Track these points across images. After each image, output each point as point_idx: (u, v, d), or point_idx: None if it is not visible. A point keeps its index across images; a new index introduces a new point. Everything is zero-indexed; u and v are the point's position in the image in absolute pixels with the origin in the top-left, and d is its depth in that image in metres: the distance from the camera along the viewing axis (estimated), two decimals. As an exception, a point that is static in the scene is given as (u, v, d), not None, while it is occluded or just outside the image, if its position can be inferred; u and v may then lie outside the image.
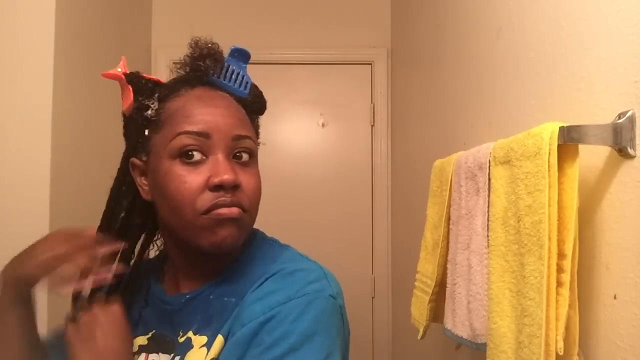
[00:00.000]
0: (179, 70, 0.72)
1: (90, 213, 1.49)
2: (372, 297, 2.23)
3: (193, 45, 0.70)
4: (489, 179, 0.80)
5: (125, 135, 0.73)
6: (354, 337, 0.72)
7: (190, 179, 0.64)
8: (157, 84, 0.71)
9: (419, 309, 1.06)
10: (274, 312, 0.60)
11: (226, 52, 0.71)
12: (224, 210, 0.64)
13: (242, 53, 0.71)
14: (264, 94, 0.76)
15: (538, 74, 0.84)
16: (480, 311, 0.81)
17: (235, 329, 0.62)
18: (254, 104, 0.74)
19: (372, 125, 2.28)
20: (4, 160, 1.26)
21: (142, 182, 0.71)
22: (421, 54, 1.73)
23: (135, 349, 0.71)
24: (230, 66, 0.71)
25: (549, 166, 0.62)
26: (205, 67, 0.69)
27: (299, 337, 0.58)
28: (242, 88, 0.72)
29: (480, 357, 0.79)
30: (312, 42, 2.27)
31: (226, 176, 0.63)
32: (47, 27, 1.27)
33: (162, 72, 2.10)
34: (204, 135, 0.65)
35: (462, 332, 0.86)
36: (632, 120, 0.59)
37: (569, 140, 0.62)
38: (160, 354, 0.69)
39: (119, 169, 0.74)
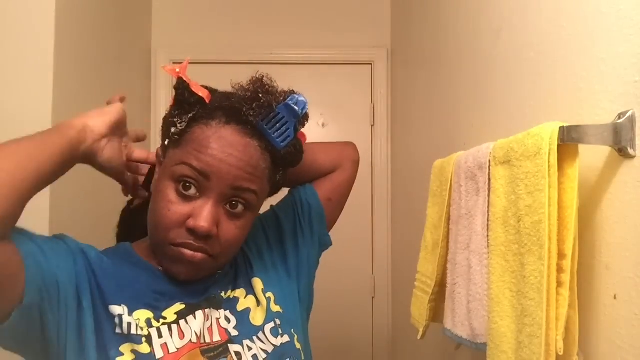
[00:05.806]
0: (234, 88, 0.71)
1: (90, 213, 1.49)
2: (372, 297, 2.23)
3: (253, 81, 0.70)
4: (489, 179, 0.80)
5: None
6: (353, 337, 0.72)
7: (174, 209, 0.67)
8: (199, 101, 0.69)
9: (419, 309, 1.06)
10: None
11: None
12: (187, 252, 0.67)
13: (297, 105, 0.69)
14: None
15: (538, 74, 0.84)
16: (480, 311, 0.81)
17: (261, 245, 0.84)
18: (286, 157, 0.73)
19: (372, 125, 2.27)
20: (4, 160, 1.26)
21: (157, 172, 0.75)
22: (421, 54, 1.73)
23: (173, 318, 0.68)
24: (280, 114, 0.69)
25: (549, 166, 0.62)
26: (247, 112, 0.68)
27: None
28: (280, 140, 0.70)
29: (480, 357, 0.79)
30: (312, 42, 2.26)
31: (202, 224, 0.65)
32: (47, 27, 1.27)
33: (162, 72, 2.09)
34: (203, 174, 0.66)
35: (462, 332, 0.86)
36: (632, 120, 0.59)
37: (569, 140, 0.62)
38: (211, 309, 0.72)
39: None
